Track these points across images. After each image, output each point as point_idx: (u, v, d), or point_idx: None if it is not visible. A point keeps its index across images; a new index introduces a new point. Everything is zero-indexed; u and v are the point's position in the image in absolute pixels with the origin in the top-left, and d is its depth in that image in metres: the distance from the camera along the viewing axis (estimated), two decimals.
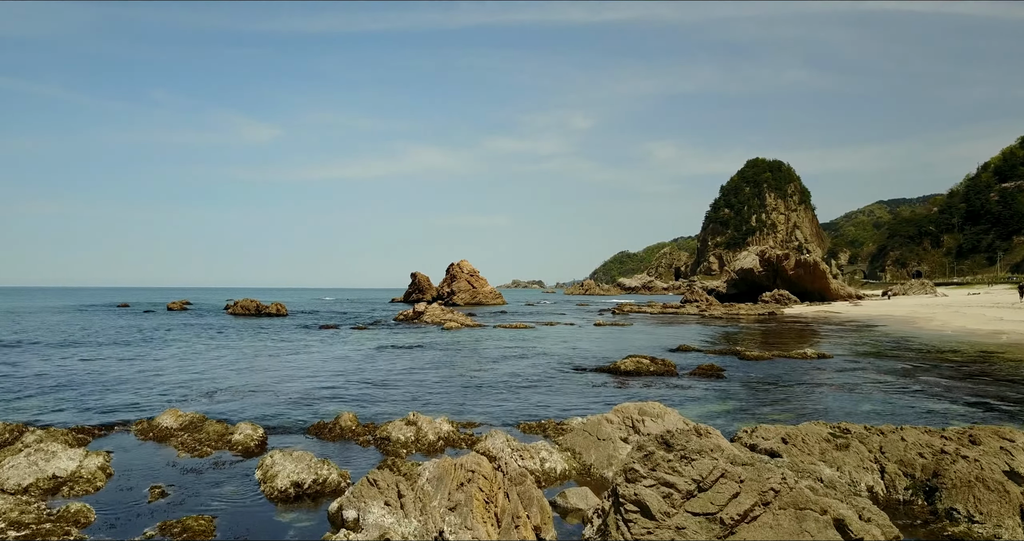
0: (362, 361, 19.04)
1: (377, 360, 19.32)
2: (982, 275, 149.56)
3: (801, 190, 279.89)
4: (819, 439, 7.36)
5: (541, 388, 13.77)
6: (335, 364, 18.40)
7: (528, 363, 18.45)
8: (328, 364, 18.35)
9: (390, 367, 17.62)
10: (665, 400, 12.68)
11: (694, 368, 16.98)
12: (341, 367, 17.53)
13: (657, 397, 12.92)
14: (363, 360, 19.27)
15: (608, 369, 16.72)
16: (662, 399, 12.79)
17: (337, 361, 19.17)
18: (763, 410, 11.81)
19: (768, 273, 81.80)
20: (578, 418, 9.31)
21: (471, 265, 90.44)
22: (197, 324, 37.02)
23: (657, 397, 12.92)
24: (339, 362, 18.87)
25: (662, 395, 13.20)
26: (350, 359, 19.55)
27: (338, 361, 19.16)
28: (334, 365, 18.14)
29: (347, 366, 17.69)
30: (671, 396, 13.15)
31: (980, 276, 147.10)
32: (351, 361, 19.09)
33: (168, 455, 8.09)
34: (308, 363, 18.42)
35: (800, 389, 14.00)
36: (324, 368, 17.28)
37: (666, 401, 12.60)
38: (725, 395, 13.31)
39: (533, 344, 24.77)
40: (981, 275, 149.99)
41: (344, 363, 18.51)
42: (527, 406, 11.68)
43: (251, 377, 15.31)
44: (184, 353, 20.95)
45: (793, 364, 18.28)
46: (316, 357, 20.09)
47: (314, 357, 20.09)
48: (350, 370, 16.73)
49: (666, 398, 12.90)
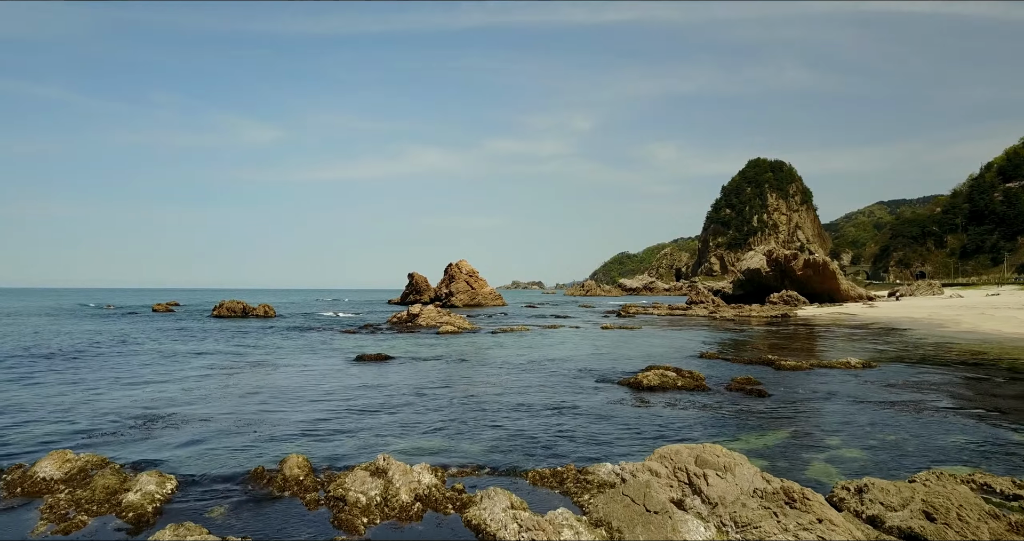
0: (341, 375, 16.53)
1: (358, 373, 16.81)
2: (987, 276, 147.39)
3: (803, 190, 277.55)
4: (980, 512, 4.91)
5: (552, 412, 11.29)
6: (308, 379, 15.92)
7: (534, 377, 15.94)
8: (300, 379, 15.86)
9: (372, 382, 15.13)
10: (705, 427, 10.24)
11: (727, 382, 14.54)
12: (314, 383, 15.02)
13: (695, 422, 10.47)
14: (342, 373, 16.74)
15: (628, 383, 14.27)
16: (701, 425, 10.36)
17: (312, 375, 16.68)
18: (830, 442, 9.38)
19: (776, 274, 79.43)
20: (607, 465, 6.86)
21: (470, 265, 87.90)
22: (173, 329, 34.52)
23: (695, 422, 10.47)
24: (314, 376, 16.37)
25: (700, 419, 10.74)
26: (327, 373, 17.03)
27: (313, 375, 16.66)
28: (307, 380, 15.65)
29: (321, 382, 15.15)
30: (710, 421, 10.70)
31: (985, 276, 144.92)
32: (328, 375, 16.59)
33: (23, 526, 5.63)
34: (276, 379, 15.88)
35: (859, 410, 11.55)
36: (293, 385, 14.76)
37: (706, 428, 10.17)
38: (775, 419, 10.86)
39: (537, 351, 22.30)
40: (987, 276, 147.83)
41: (319, 378, 15.99)
42: (536, 439, 9.22)
43: (201, 398, 12.77)
44: (134, 366, 18.16)
45: (837, 376, 15.83)
46: (289, 370, 17.57)
47: (286, 370, 17.56)
48: (323, 388, 14.20)
49: (705, 423, 10.46)
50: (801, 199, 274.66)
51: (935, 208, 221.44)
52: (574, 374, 16.21)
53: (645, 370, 15.28)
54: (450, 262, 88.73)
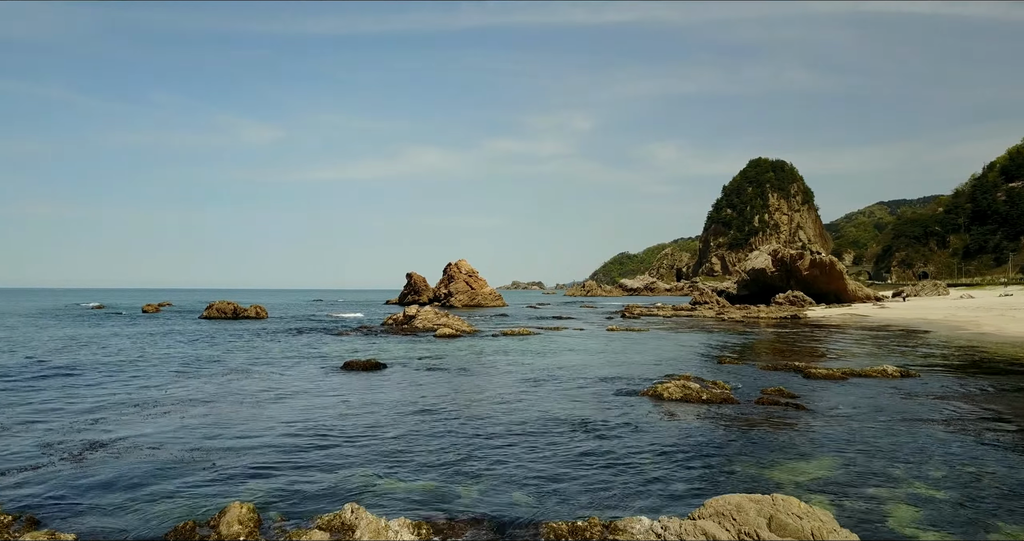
0: (322, 388, 14.84)
1: (343, 386, 15.13)
2: (991, 276, 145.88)
3: (804, 190, 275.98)
4: None
5: (566, 437, 9.63)
6: (284, 393, 14.27)
7: (542, 390, 14.25)
8: (274, 393, 14.21)
9: (357, 398, 13.45)
10: (746, 451, 8.63)
11: (756, 393, 12.94)
12: (289, 398, 13.31)
13: (733, 445, 8.85)
14: (324, 386, 15.03)
15: (647, 395, 12.66)
16: (740, 448, 8.75)
17: (289, 388, 15.02)
18: (896, 473, 7.78)
19: (781, 274, 77.83)
20: (644, 520, 5.25)
21: (469, 265, 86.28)
22: (157, 332, 32.90)
23: (733, 445, 8.85)
24: (291, 390, 14.70)
25: (737, 441, 9.13)
26: (308, 385, 15.33)
27: (290, 388, 15.00)
28: (282, 394, 13.98)
29: (297, 398, 13.41)
30: (748, 442, 9.09)
31: (989, 277, 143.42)
32: (308, 388, 14.91)
33: None
34: (245, 393, 14.18)
35: (917, 432, 9.94)
36: (264, 400, 13.08)
37: (747, 452, 8.56)
38: (823, 441, 9.26)
39: (543, 358, 20.67)
40: (990, 276, 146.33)
41: (296, 392, 14.27)
42: (549, 476, 7.59)
43: (147, 419, 11.01)
44: (91, 378, 16.23)
45: (876, 387, 14.23)
46: (264, 381, 15.89)
47: (261, 382, 15.86)
48: (298, 405, 12.45)
49: (744, 446, 8.85)
50: (802, 199, 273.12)
51: (937, 208, 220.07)
52: (586, 385, 14.55)
53: (665, 380, 13.68)
54: (449, 262, 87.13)
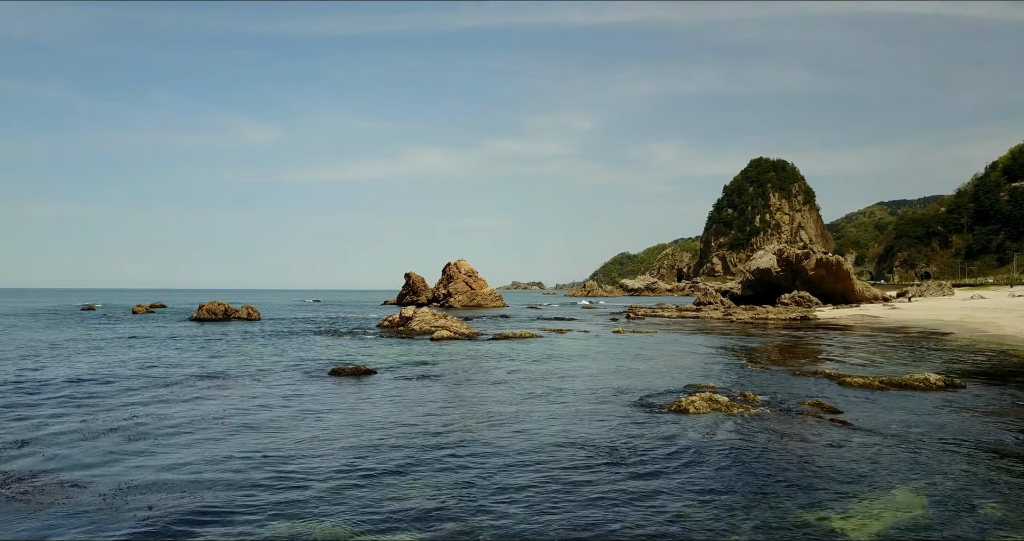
0: (300, 398, 13.23)
1: (324, 396, 13.55)
2: (995, 276, 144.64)
3: (805, 190, 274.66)
4: None
5: (587, 468, 8.11)
6: (254, 404, 12.75)
7: (551, 405, 12.59)
8: (243, 404, 12.69)
9: (337, 414, 11.87)
10: (802, 480, 7.15)
11: (792, 407, 11.48)
12: (258, 412, 11.73)
13: (786, 472, 7.37)
14: (302, 397, 13.38)
15: (672, 410, 11.17)
16: (795, 476, 7.27)
17: (263, 398, 13.51)
18: (991, 512, 6.33)
19: (787, 273, 76.47)
20: None
21: (469, 265, 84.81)
22: (140, 335, 31.40)
23: (786, 472, 7.37)
24: (263, 401, 13.18)
25: (789, 467, 7.65)
26: (285, 395, 13.75)
27: (264, 398, 13.49)
28: (252, 406, 12.46)
29: (269, 411, 11.80)
30: (803, 469, 7.62)
31: (993, 277, 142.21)
32: (284, 399, 13.36)
33: None
34: (210, 405, 12.60)
35: (993, 458, 8.48)
36: (228, 414, 11.54)
37: (805, 482, 7.08)
38: (887, 473, 7.78)
39: (549, 364, 19.17)
40: (994, 276, 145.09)
41: (269, 404, 12.71)
42: (572, 530, 6.10)
43: (81, 442, 9.41)
44: (30, 398, 14.36)
45: (922, 399, 12.77)
46: (237, 391, 14.36)
47: (234, 391, 14.32)
48: (270, 424, 10.78)
49: (799, 473, 7.38)
50: (804, 199, 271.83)
51: (939, 207, 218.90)
52: (600, 399, 13.01)
53: (690, 393, 12.22)
54: (448, 261, 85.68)
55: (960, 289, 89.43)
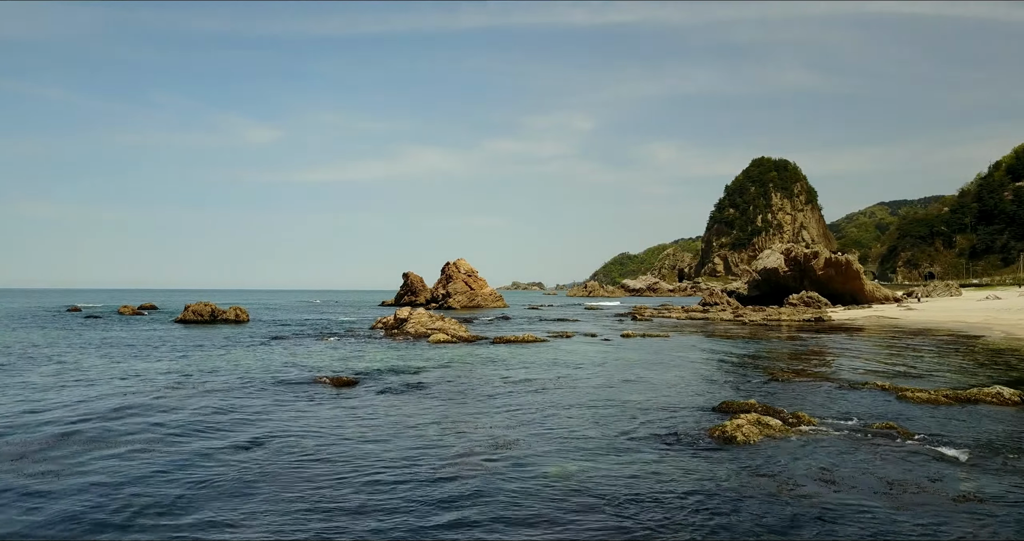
0: (264, 417, 11.11)
1: (291, 415, 11.40)
2: (1000, 276, 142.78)
3: (807, 190, 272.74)
4: None
5: (616, 529, 6.13)
6: (213, 421, 10.80)
7: (558, 426, 10.52)
8: (196, 419, 10.75)
9: (302, 438, 9.87)
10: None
11: (857, 430, 9.47)
12: (207, 433, 9.80)
13: (897, 531, 5.36)
14: (266, 415, 11.17)
15: (714, 437, 9.13)
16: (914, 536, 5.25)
17: (224, 414, 11.52)
18: None
19: (794, 273, 74.56)
20: None
21: (469, 264, 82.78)
22: (113, 338, 29.40)
23: (897, 531, 5.36)
24: (223, 417, 11.20)
25: (897, 520, 5.64)
26: (250, 411, 11.81)
27: (224, 414, 11.50)
28: (208, 425, 10.50)
29: (223, 432, 9.87)
30: (917, 521, 5.61)
31: (998, 277, 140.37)
32: (248, 415, 11.40)
33: None
34: (163, 418, 10.76)
35: None
36: (176, 433, 9.62)
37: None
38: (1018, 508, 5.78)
39: (556, 373, 17.11)
40: (999, 276, 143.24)
41: (230, 420, 10.81)
42: None
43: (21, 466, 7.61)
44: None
45: (1002, 418, 10.77)
46: (199, 404, 12.39)
47: (193, 405, 12.31)
48: (224, 447, 8.93)
49: (917, 528, 5.38)
50: (806, 199, 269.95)
51: (943, 207, 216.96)
52: (621, 420, 10.87)
53: (728, 412, 10.22)
54: (448, 261, 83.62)
55: (966, 289, 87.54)
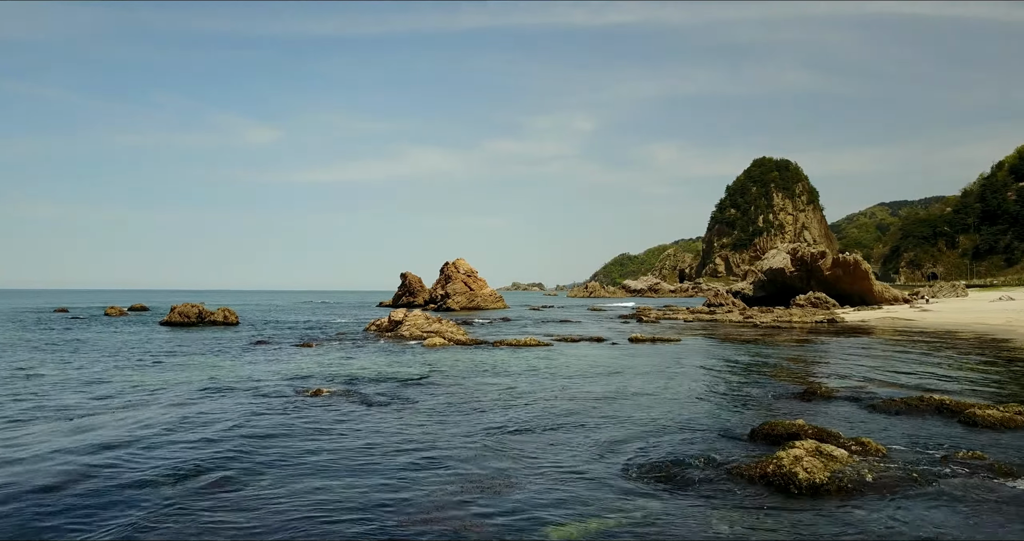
0: (208, 442, 9.47)
1: (242, 440, 9.63)
2: (1005, 277, 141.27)
3: (809, 190, 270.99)
4: None
5: None
6: (140, 433, 9.12)
7: (562, 458, 8.69)
8: (121, 438, 9.06)
9: (237, 464, 8.20)
10: None
11: (933, 462, 7.75)
12: (130, 468, 8.18)
13: None
14: (210, 443, 9.41)
15: (769, 472, 7.37)
16: None
17: (162, 438, 9.86)
18: None
19: (801, 274, 72.91)
20: None
21: (468, 264, 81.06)
22: (87, 341, 27.70)
23: None
24: (161, 440, 9.56)
25: None
26: (203, 430, 10.17)
27: (162, 438, 9.84)
28: (132, 458, 8.84)
29: (141, 456, 8.27)
30: None
31: (1003, 277, 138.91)
32: (191, 437, 9.74)
33: None
34: (97, 437, 9.07)
35: None
36: (96, 465, 7.96)
37: None
38: None
39: (562, 383, 15.35)
40: (1004, 277, 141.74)
41: (169, 440, 9.16)
42: None
43: None
44: None
45: None
46: (145, 420, 10.76)
47: (140, 420, 10.73)
48: (130, 481, 7.31)
49: None
50: (807, 199, 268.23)
51: (945, 207, 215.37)
52: (645, 448, 8.98)
53: (768, 433, 8.50)
54: (447, 261, 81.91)
55: (971, 290, 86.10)
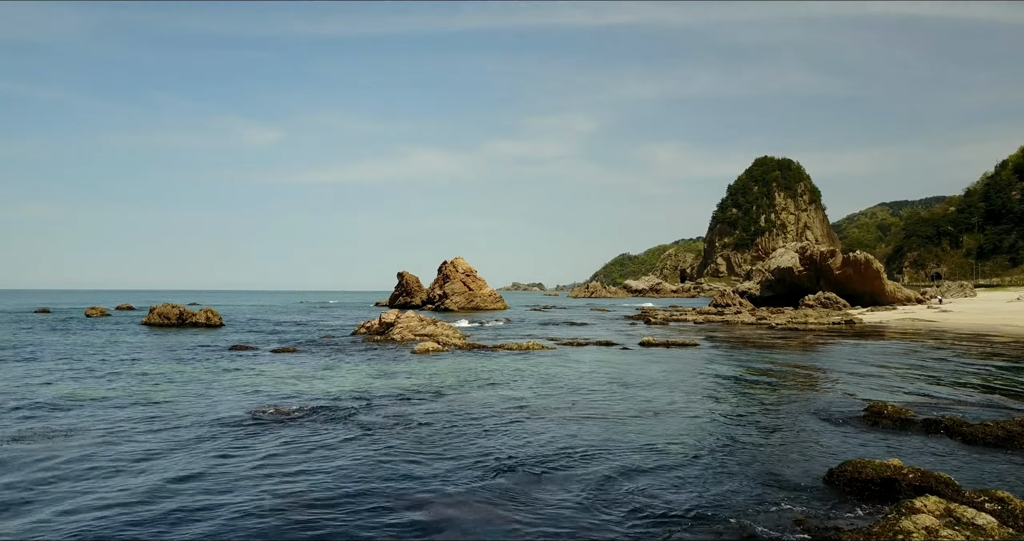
0: (116, 489, 7.40)
1: (156, 482, 7.59)
2: (1010, 277, 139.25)
3: (811, 189, 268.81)
4: None
5: None
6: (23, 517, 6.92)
7: (569, 521, 6.72)
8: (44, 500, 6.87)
9: (139, 517, 6.02)
10: None
11: None
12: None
13: None
14: (130, 492, 7.59)
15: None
16: None
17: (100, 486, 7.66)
18: None
19: (810, 273, 70.78)
20: None
21: (467, 263, 78.79)
22: (49, 344, 25.50)
23: None
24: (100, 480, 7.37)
25: None
26: (99, 483, 7.98)
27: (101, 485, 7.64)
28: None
29: None
30: None
31: (1008, 277, 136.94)
32: (93, 488, 7.55)
33: None
34: None
35: None
36: None
37: None
38: None
39: (567, 398, 13.12)
40: (1009, 277, 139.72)
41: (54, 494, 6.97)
42: None
43: None
44: None
45: None
46: (53, 461, 8.57)
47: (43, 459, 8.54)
48: None
49: None
50: (809, 198, 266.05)
51: (948, 207, 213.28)
52: (680, 502, 6.76)
53: (853, 478, 6.30)
54: (445, 260, 79.65)
55: (979, 290, 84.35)
